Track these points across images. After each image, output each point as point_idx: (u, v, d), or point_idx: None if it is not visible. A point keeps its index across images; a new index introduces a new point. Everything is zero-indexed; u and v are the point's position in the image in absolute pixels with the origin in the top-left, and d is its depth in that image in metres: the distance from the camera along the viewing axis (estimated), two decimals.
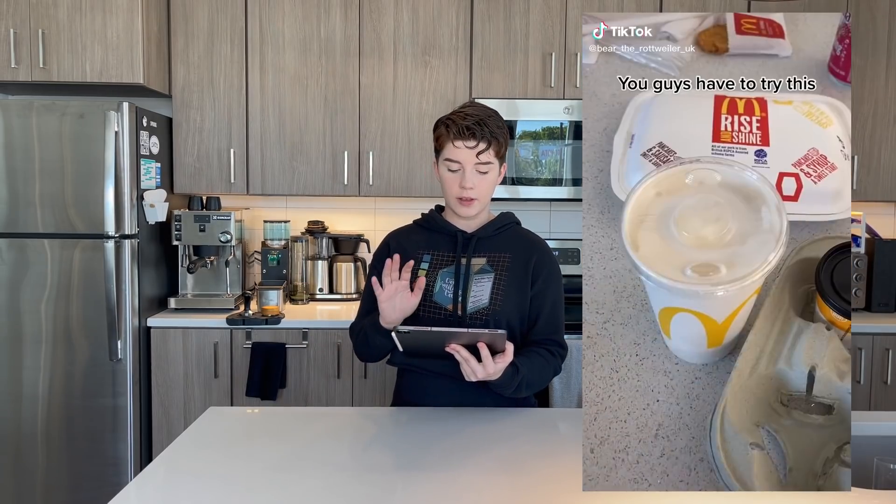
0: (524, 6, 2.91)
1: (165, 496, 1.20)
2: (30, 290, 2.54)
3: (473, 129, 1.54)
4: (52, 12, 2.64)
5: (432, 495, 1.19)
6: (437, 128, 1.61)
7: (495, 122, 1.58)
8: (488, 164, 1.57)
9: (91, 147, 2.51)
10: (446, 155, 1.58)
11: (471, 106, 1.60)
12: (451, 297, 1.59)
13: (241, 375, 2.70)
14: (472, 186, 1.57)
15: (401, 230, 1.75)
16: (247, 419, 1.66)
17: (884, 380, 2.78)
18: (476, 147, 1.55)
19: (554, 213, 3.29)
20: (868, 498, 1.20)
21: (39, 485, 2.58)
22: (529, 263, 1.63)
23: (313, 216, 3.22)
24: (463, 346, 1.41)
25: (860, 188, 3.02)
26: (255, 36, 2.91)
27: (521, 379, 1.51)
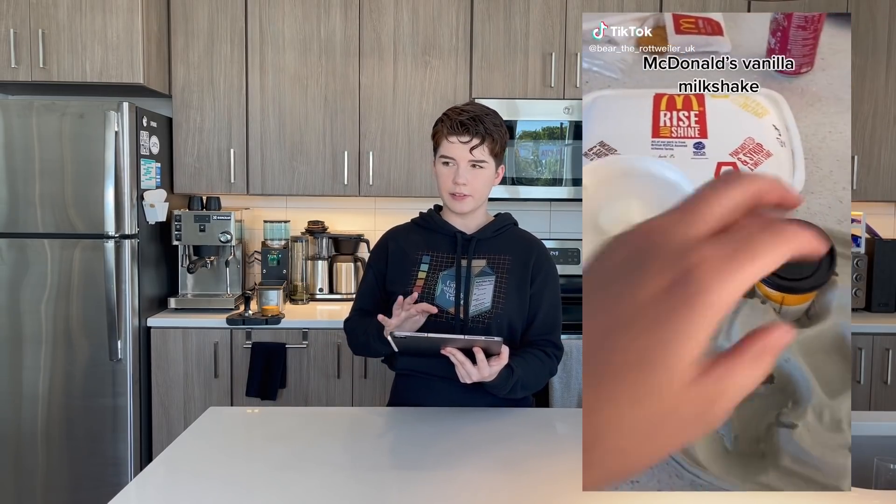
0: (524, 6, 2.92)
1: (165, 496, 1.20)
2: (30, 290, 2.54)
3: (467, 125, 1.55)
4: (52, 12, 2.64)
5: (432, 495, 1.19)
6: (435, 125, 1.63)
7: (491, 119, 1.59)
8: (482, 161, 1.57)
9: (91, 147, 2.51)
10: (441, 151, 1.59)
11: (469, 104, 1.62)
12: (452, 301, 1.59)
13: (241, 375, 2.70)
14: (465, 182, 1.57)
15: (399, 229, 1.74)
16: (247, 419, 1.66)
17: (884, 380, 2.78)
18: (469, 142, 1.55)
19: (554, 213, 3.29)
20: (868, 498, 1.20)
21: (39, 485, 2.58)
22: (528, 264, 1.64)
23: (313, 216, 3.22)
24: (460, 350, 1.42)
25: (860, 188, 3.01)
26: (255, 36, 2.91)
27: (515, 380, 1.51)
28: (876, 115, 3.00)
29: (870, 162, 3.02)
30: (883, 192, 3.03)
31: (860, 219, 2.98)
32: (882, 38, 2.97)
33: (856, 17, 2.93)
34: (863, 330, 2.75)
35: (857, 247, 2.97)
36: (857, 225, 2.98)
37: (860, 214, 2.98)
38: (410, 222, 1.75)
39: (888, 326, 2.78)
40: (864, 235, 3.01)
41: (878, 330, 2.78)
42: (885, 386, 2.78)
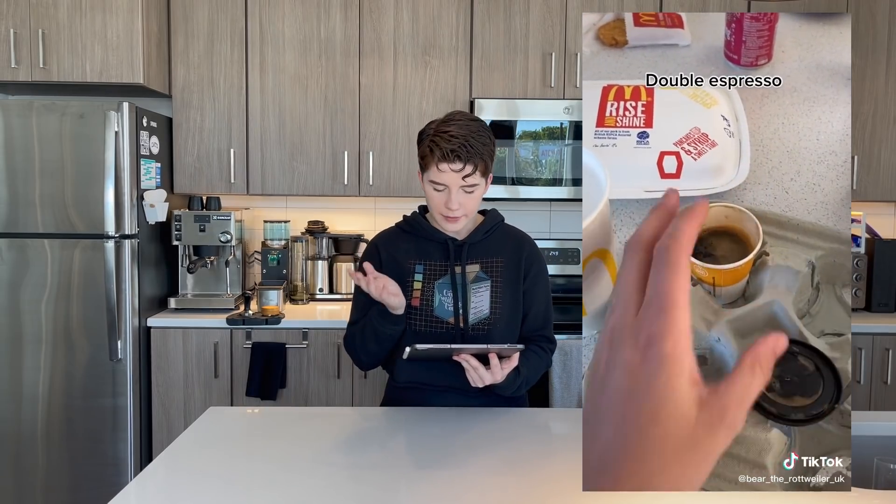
0: (524, 6, 2.92)
1: (165, 496, 1.20)
2: (30, 290, 2.54)
3: (458, 153, 1.47)
4: (52, 12, 2.64)
5: (432, 495, 1.19)
6: (421, 143, 1.54)
7: (481, 140, 1.50)
8: (474, 186, 1.52)
9: (91, 147, 2.51)
10: (431, 177, 1.52)
11: (455, 122, 1.51)
12: (451, 311, 1.58)
13: (241, 375, 2.70)
14: (458, 206, 1.52)
15: (387, 235, 1.69)
16: (247, 419, 1.66)
17: (884, 380, 2.78)
18: (462, 170, 1.49)
19: (554, 213, 3.29)
20: (868, 498, 1.20)
21: (39, 485, 2.58)
22: (520, 262, 1.64)
23: (313, 216, 3.22)
24: (472, 356, 1.43)
25: (860, 188, 3.01)
26: (255, 36, 2.91)
27: (521, 380, 1.53)
28: (876, 115, 3.00)
29: (870, 162, 3.01)
30: (883, 192, 3.03)
31: (860, 219, 2.97)
32: (882, 38, 2.97)
33: (856, 17, 2.93)
34: (863, 330, 2.75)
35: (857, 247, 2.97)
36: (857, 225, 2.98)
37: (860, 214, 2.97)
38: (396, 227, 1.69)
39: (888, 326, 2.78)
40: (864, 235, 3.00)
41: (878, 330, 2.78)
42: (885, 386, 2.78)
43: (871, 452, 1.34)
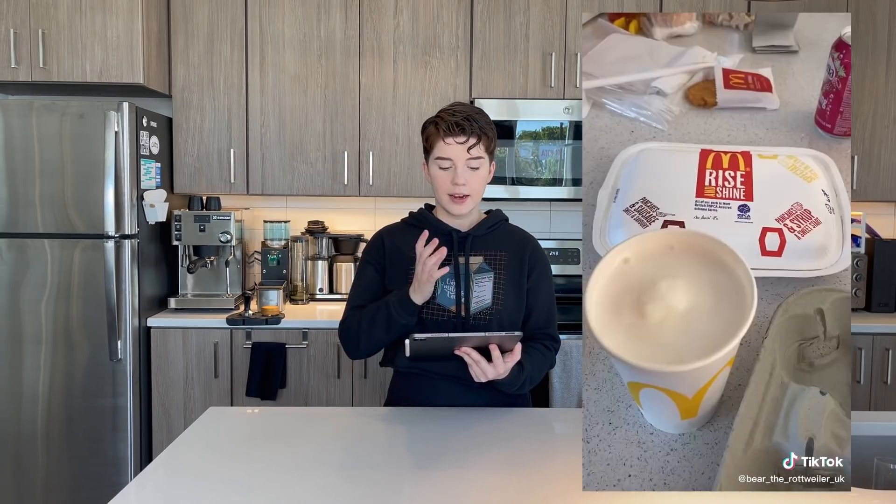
0: (524, 6, 2.92)
1: (165, 496, 1.20)
2: (30, 290, 2.54)
3: (463, 125, 1.55)
4: (52, 12, 2.64)
5: (432, 495, 1.19)
6: (426, 128, 1.61)
7: (483, 118, 1.59)
8: (479, 160, 1.57)
9: (91, 147, 2.51)
10: (437, 153, 1.58)
11: (457, 105, 1.61)
12: (453, 299, 1.59)
13: (241, 375, 2.70)
14: (465, 182, 1.56)
15: (392, 228, 1.73)
16: (247, 419, 1.66)
17: (884, 380, 2.78)
18: (466, 142, 1.55)
19: (554, 213, 3.29)
20: (868, 498, 1.20)
21: (39, 485, 2.58)
22: (524, 259, 1.65)
23: (313, 216, 3.22)
24: (473, 348, 1.42)
25: (860, 188, 3.01)
26: (255, 36, 2.91)
27: (525, 376, 1.53)
28: (876, 115, 3.00)
29: (870, 162, 3.01)
30: (883, 192, 3.03)
31: (860, 219, 2.97)
32: (882, 38, 2.97)
33: (856, 17, 2.93)
34: (863, 330, 2.75)
35: (856, 247, 2.97)
36: (856, 225, 2.98)
37: (860, 214, 2.98)
38: (402, 222, 1.73)
39: (888, 326, 2.78)
40: (864, 235, 3.00)
41: (878, 330, 2.78)
42: (885, 386, 2.78)
43: (871, 452, 1.34)
